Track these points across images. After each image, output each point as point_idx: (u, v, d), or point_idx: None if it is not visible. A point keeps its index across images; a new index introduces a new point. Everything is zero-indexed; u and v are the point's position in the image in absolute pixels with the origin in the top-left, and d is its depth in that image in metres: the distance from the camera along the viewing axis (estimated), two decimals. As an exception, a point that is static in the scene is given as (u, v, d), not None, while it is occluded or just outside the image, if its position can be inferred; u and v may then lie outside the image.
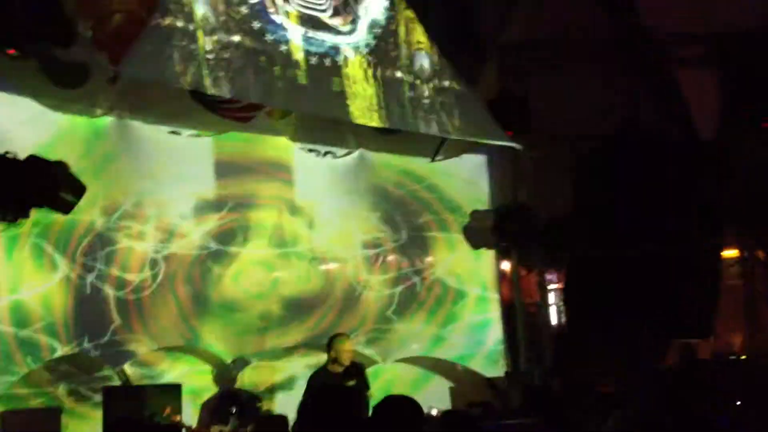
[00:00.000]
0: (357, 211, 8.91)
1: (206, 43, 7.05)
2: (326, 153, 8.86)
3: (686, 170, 9.70)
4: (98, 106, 7.41)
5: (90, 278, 7.25)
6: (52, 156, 6.64)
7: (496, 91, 9.16)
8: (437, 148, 9.16)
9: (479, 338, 9.17)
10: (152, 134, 7.77)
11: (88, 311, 7.22)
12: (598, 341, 8.70)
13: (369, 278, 8.80)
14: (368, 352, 8.50)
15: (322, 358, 7.33)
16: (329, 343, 7.04)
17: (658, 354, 9.24)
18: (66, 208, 6.77)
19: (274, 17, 7.62)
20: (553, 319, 9.61)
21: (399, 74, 8.33)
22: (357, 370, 6.88)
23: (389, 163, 9.11)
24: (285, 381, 8.21)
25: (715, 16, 9.34)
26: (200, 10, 7.06)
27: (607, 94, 9.30)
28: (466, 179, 9.44)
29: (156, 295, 7.59)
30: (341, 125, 8.58)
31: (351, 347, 7.08)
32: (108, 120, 7.51)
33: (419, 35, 8.52)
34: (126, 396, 6.92)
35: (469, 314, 9.18)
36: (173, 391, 6.93)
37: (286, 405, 7.31)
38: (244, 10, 7.38)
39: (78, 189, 6.78)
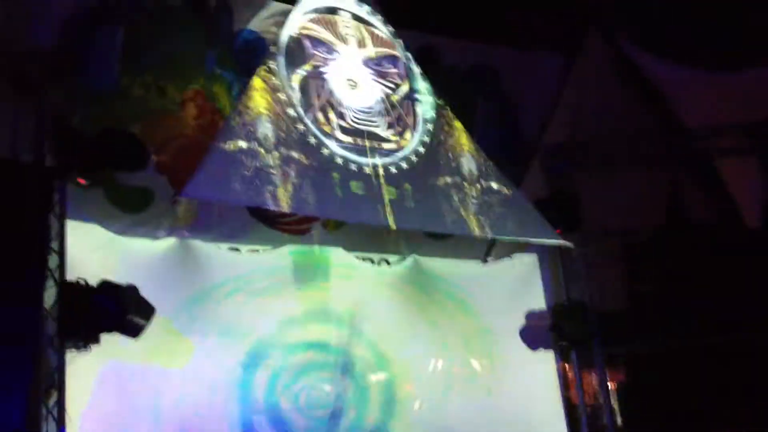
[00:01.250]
0: (412, 317, 8.93)
1: (268, 159, 7.23)
2: (381, 261, 8.95)
3: (736, 259, 9.69)
4: (161, 228, 7.58)
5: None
6: (122, 280, 6.78)
7: (542, 190, 9.27)
8: (488, 249, 9.23)
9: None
10: (213, 252, 7.91)
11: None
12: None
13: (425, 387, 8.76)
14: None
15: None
16: None
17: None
18: (136, 331, 6.85)
19: (327, 131, 7.83)
20: (616, 419, 9.41)
21: (448, 179, 8.44)
22: None
23: (442, 267, 9.16)
24: None
25: (752, 105, 9.51)
26: (262, 129, 7.27)
27: (654, 188, 9.40)
28: (518, 279, 9.46)
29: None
30: (394, 232, 8.70)
31: None
32: (169, 241, 7.66)
33: (464, 140, 8.67)
34: None
35: (532, 417, 9.07)
36: None
37: None
38: (301, 127, 7.59)
39: (147, 311, 6.87)
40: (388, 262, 9.04)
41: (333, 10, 8.11)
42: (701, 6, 9.03)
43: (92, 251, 6.99)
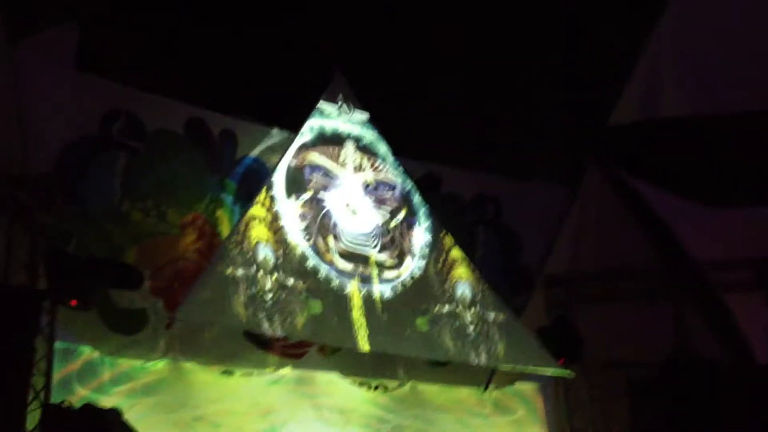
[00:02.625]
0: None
1: (265, 284, 7.27)
2: (377, 386, 8.86)
3: (746, 396, 9.44)
4: (154, 350, 7.60)
5: None
6: (108, 403, 6.77)
7: (544, 320, 9.18)
8: (488, 378, 9.10)
9: None
10: (205, 376, 7.89)
11: None
12: None
13: None
14: None
15: None
16: None
17: None
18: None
19: (325, 256, 7.87)
20: None
21: (446, 307, 8.39)
22: None
23: (441, 395, 9.03)
24: None
25: (759, 240, 9.43)
26: (260, 254, 7.34)
27: (658, 321, 9.27)
28: (520, 409, 9.28)
29: None
30: (392, 357, 8.66)
31: None
32: (162, 363, 7.66)
33: (462, 268, 8.64)
34: None
35: None
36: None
37: None
38: (299, 251, 7.64)
39: (130, 436, 6.83)
40: (386, 388, 8.95)
41: (337, 141, 8.28)
42: (707, 142, 9.07)
43: (80, 373, 7.01)
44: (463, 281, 8.61)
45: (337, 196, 8.11)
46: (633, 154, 9.19)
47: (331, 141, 8.26)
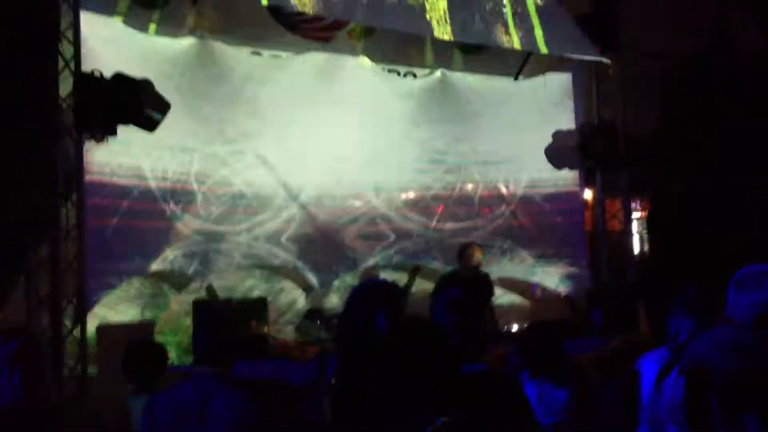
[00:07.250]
0: (437, 130, 8.87)
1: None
2: (407, 74, 8.80)
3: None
4: (181, 26, 7.49)
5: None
6: (137, 74, 6.74)
7: (583, 6, 8.85)
8: (521, 66, 8.96)
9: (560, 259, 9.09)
10: (234, 54, 7.83)
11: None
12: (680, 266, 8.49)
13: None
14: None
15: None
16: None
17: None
18: (151, 125, 6.83)
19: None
20: (636, 244, 9.36)
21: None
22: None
23: (471, 82, 8.96)
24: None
25: None
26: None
27: (699, 9, 8.92)
28: (550, 98, 9.22)
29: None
30: (422, 44, 8.51)
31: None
32: (190, 41, 7.57)
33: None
34: (214, 310, 7.02)
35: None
36: (259, 305, 7.06)
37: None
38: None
39: (163, 106, 6.83)
40: (414, 75, 8.89)
41: None
42: None
43: (108, 44, 6.91)
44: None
45: None
46: None
47: None
